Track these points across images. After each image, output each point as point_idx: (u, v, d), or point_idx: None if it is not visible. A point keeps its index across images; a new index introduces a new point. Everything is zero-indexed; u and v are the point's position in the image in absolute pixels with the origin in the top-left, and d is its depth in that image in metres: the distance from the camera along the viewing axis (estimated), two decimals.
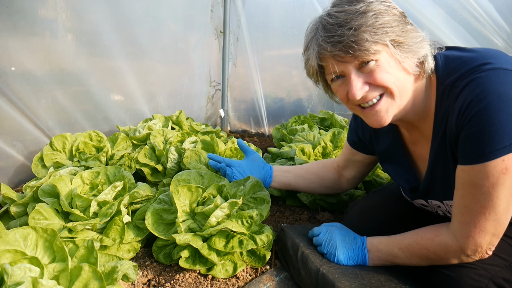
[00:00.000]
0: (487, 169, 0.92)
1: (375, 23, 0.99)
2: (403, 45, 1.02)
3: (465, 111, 0.94)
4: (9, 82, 2.03)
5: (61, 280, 0.97)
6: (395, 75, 1.04)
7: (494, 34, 2.62)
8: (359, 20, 0.99)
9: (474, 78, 0.95)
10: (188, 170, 1.64)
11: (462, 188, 1.00)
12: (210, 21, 3.34)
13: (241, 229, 1.36)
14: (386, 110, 1.08)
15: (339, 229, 1.34)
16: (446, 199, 1.15)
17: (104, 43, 2.52)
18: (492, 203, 0.95)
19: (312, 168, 1.75)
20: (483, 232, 0.99)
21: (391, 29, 1.00)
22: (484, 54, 1.00)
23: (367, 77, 1.04)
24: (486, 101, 0.90)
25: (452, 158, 1.05)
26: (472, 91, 0.94)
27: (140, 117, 2.94)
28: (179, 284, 1.31)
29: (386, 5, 1.03)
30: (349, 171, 1.65)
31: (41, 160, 2.08)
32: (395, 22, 1.01)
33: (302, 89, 3.53)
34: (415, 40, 1.03)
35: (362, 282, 1.15)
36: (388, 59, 1.03)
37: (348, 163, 1.63)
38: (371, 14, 0.99)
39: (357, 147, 1.54)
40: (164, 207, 1.51)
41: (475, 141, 0.93)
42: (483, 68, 0.95)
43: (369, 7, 1.00)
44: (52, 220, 1.39)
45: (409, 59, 1.03)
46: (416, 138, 1.23)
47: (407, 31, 1.02)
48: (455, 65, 1.03)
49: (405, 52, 1.02)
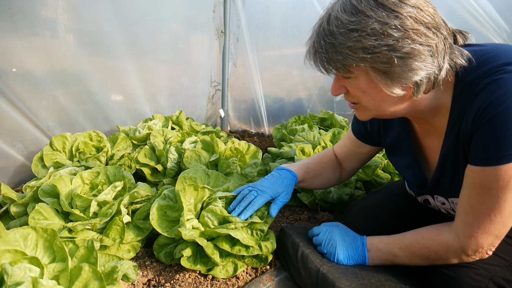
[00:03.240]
0: (498, 172, 0.91)
1: (355, 46, 0.92)
2: (387, 72, 0.94)
3: (483, 112, 0.92)
4: (10, 82, 2.03)
5: (61, 280, 0.97)
6: (372, 95, 1.02)
7: (494, 34, 2.62)
8: (341, 37, 0.93)
9: (496, 79, 0.92)
10: (194, 168, 1.62)
11: (470, 188, 1.00)
12: (212, 21, 3.34)
13: (249, 242, 1.32)
14: (363, 113, 1.12)
15: (339, 229, 1.34)
16: (452, 196, 1.15)
17: (105, 43, 2.52)
18: (499, 206, 0.94)
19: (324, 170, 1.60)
20: (486, 234, 0.99)
21: (373, 55, 0.92)
22: (507, 52, 0.96)
23: (347, 83, 1.06)
24: (506, 105, 0.88)
25: (463, 156, 1.04)
26: (493, 93, 0.91)
27: (141, 117, 2.94)
28: (179, 284, 1.31)
29: (386, 23, 0.90)
30: (349, 163, 1.59)
31: (41, 160, 2.08)
32: (384, 47, 0.90)
33: (302, 89, 3.53)
34: (409, 67, 0.92)
35: (362, 282, 1.15)
36: (367, 80, 0.99)
37: (351, 155, 1.56)
38: (356, 34, 0.91)
39: (364, 138, 1.47)
40: (168, 204, 1.49)
41: (489, 143, 0.91)
42: (507, 69, 0.92)
43: (360, 25, 0.91)
44: (52, 220, 1.39)
45: (392, 86, 0.96)
46: (426, 131, 1.20)
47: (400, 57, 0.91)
48: (476, 63, 0.98)
49: (388, 78, 0.95)
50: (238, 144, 2.20)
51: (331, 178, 1.60)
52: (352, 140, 1.52)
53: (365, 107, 1.08)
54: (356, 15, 0.92)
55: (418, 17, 0.91)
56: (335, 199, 1.89)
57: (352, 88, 1.05)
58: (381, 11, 0.90)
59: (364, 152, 1.52)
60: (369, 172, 2.02)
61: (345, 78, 1.04)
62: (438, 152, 1.14)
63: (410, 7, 0.90)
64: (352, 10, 0.93)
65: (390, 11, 0.90)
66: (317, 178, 1.57)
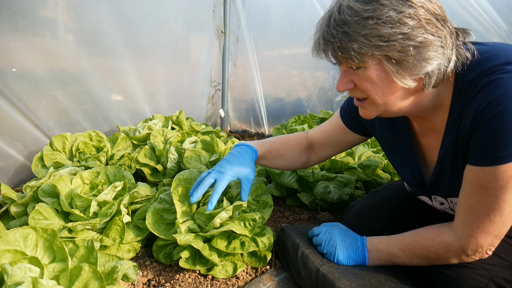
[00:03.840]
0: (497, 172, 0.91)
1: (371, 34, 0.91)
2: (401, 62, 0.94)
3: (482, 112, 0.92)
4: (10, 82, 2.04)
5: (61, 280, 0.97)
6: (381, 87, 1.00)
7: (493, 34, 2.63)
8: (356, 25, 0.92)
9: (495, 79, 0.91)
10: (189, 170, 1.63)
11: (469, 188, 1.00)
12: (212, 21, 3.35)
13: (243, 231, 1.36)
14: (370, 111, 1.10)
15: (339, 229, 1.34)
16: (451, 196, 1.15)
17: (105, 43, 2.52)
18: (498, 206, 0.94)
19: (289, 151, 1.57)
20: (486, 234, 0.99)
21: (388, 43, 0.91)
22: (507, 52, 0.95)
23: (355, 77, 1.04)
24: (505, 105, 0.88)
25: (462, 156, 1.04)
26: (492, 93, 0.90)
27: (141, 117, 2.94)
28: (179, 284, 1.31)
29: (401, 11, 0.90)
30: (325, 149, 1.54)
31: (41, 160, 2.08)
32: (400, 36, 0.90)
33: (302, 89, 3.53)
34: (423, 56, 0.92)
35: (362, 282, 1.15)
36: (378, 70, 0.98)
37: (331, 142, 1.51)
38: (372, 22, 0.91)
39: (353, 126, 1.43)
40: (164, 207, 1.50)
41: (488, 143, 0.91)
42: (506, 68, 0.91)
43: (375, 13, 0.91)
44: (52, 220, 1.39)
45: (404, 76, 0.96)
46: (426, 130, 1.19)
47: (414, 46, 0.91)
48: (476, 61, 0.98)
49: (401, 68, 0.94)
50: None
51: (296, 160, 1.58)
52: (338, 127, 1.47)
53: (373, 102, 1.05)
54: (370, 4, 0.92)
55: (429, 8, 0.92)
56: (335, 199, 1.89)
57: (361, 80, 1.02)
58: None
59: (348, 140, 1.47)
60: (369, 172, 2.02)
61: (355, 70, 1.02)
62: (437, 152, 1.14)
63: None
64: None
65: (404, 0, 0.91)
66: (279, 157, 1.55)
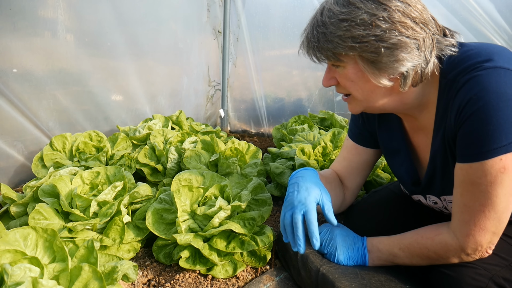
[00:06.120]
0: (485, 167, 0.92)
1: (345, 35, 0.97)
2: (375, 62, 0.98)
3: (463, 109, 0.94)
4: (10, 82, 2.04)
5: (61, 280, 0.97)
6: (360, 85, 1.06)
7: (494, 34, 2.62)
8: (332, 27, 0.98)
9: (474, 76, 0.94)
10: (189, 170, 1.64)
11: (461, 186, 1.01)
12: (207, 20, 3.34)
13: (243, 230, 1.36)
14: (354, 106, 1.15)
15: (339, 229, 1.34)
16: (444, 194, 1.15)
17: (105, 43, 2.52)
18: (491, 202, 0.95)
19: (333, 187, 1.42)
20: (483, 231, 0.99)
21: (361, 44, 0.96)
22: (488, 50, 0.98)
23: (337, 74, 1.09)
24: (484, 100, 0.90)
25: (451, 154, 1.05)
26: (472, 89, 0.93)
27: (141, 117, 2.94)
28: (179, 284, 1.31)
29: (375, 14, 0.94)
30: (352, 178, 1.46)
31: (41, 160, 2.08)
32: (372, 37, 0.94)
33: (302, 89, 3.53)
34: (396, 57, 0.95)
35: (362, 282, 1.15)
36: (355, 69, 1.03)
37: (352, 168, 1.45)
38: (346, 24, 0.96)
39: (362, 140, 1.40)
40: (164, 207, 1.51)
41: (473, 139, 0.93)
42: (485, 65, 0.94)
43: (350, 16, 0.96)
44: (52, 220, 1.39)
45: (379, 75, 1.00)
46: (416, 128, 1.21)
47: (387, 47, 0.94)
48: (458, 60, 1.00)
49: (375, 68, 0.99)
50: (238, 144, 2.20)
51: (337, 199, 1.43)
52: (351, 148, 1.44)
53: (355, 98, 1.11)
54: (347, 7, 0.97)
55: (406, 11, 0.95)
56: None
57: (341, 77, 1.08)
58: (370, 3, 0.95)
59: (366, 159, 1.42)
60: None
61: (335, 67, 1.08)
62: (428, 150, 1.16)
63: (399, 2, 0.95)
64: (344, 2, 0.99)
65: (379, 4, 0.95)
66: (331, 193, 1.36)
